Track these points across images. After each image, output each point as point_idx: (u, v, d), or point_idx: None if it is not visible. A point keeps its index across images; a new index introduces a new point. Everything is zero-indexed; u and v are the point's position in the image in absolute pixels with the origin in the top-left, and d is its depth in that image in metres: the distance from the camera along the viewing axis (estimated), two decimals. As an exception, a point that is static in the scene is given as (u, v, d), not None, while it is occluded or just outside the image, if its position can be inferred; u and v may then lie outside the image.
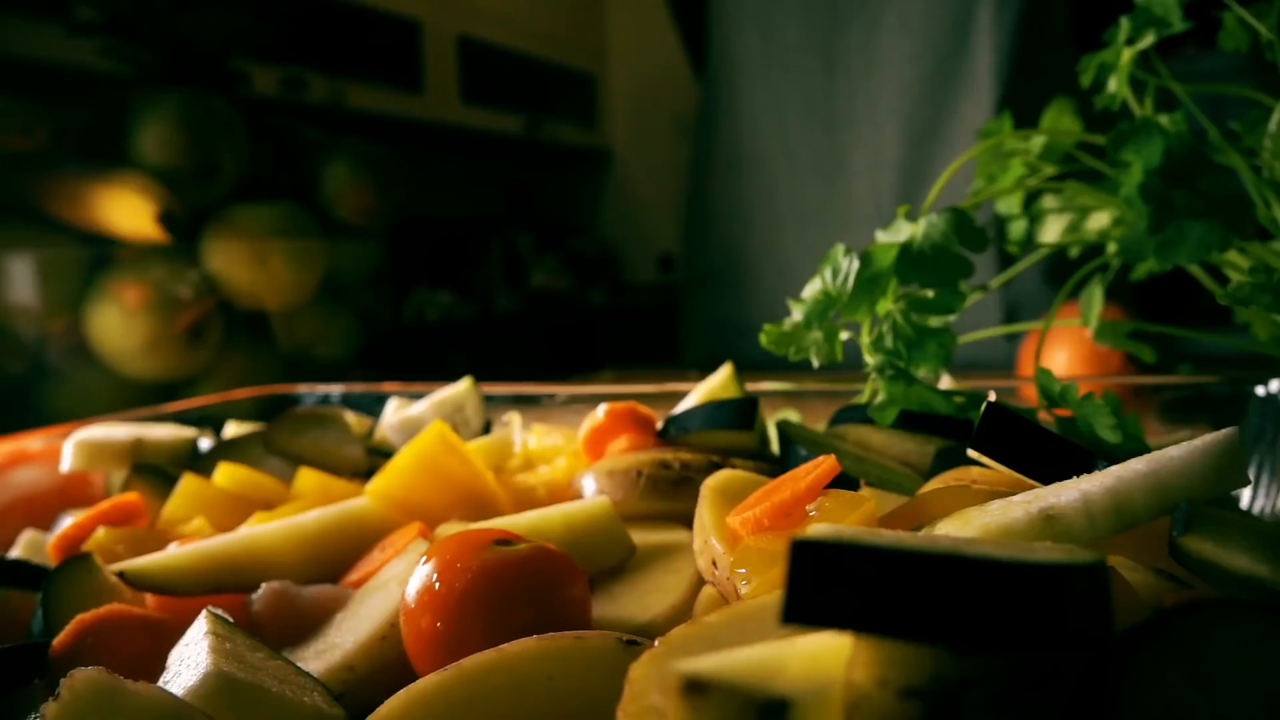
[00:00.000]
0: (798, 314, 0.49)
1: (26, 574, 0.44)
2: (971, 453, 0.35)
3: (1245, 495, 0.51)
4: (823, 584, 0.20)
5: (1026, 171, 0.62)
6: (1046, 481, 0.32)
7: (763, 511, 0.33)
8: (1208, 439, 0.28)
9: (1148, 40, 0.51)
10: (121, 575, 0.38)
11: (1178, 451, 0.28)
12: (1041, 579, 0.19)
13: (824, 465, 0.33)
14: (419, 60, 2.38)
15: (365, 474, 0.53)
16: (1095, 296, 0.57)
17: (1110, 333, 0.59)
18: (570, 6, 3.08)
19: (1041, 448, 0.35)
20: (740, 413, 0.47)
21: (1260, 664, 0.21)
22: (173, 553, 0.40)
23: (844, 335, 0.49)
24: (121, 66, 1.05)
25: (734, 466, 0.44)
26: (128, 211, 0.98)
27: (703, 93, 1.49)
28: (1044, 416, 0.46)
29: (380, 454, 0.57)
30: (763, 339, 0.50)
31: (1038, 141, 0.61)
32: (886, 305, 0.46)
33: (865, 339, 0.47)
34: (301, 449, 0.56)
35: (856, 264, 0.46)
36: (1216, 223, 0.43)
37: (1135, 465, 0.28)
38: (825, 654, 0.21)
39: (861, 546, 0.20)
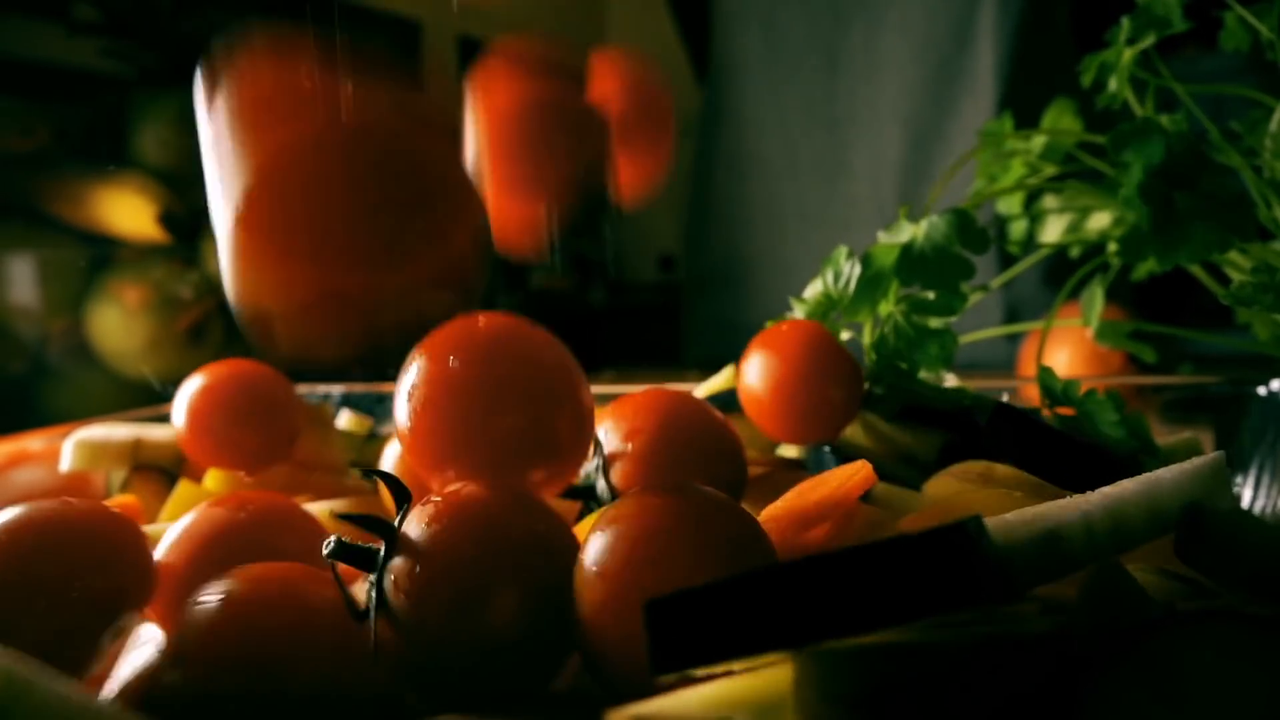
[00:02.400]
0: (799, 314, 0.50)
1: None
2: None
3: (1246, 495, 0.51)
4: (678, 632, 0.21)
5: (1027, 171, 0.62)
6: (1058, 482, 0.32)
7: (779, 521, 0.32)
8: (1197, 462, 0.28)
9: (1148, 40, 0.51)
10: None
11: (1169, 474, 0.28)
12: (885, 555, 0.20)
13: (859, 475, 0.32)
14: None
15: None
16: (1096, 296, 0.57)
17: (1111, 333, 0.59)
18: (571, 6, 3.07)
19: (1052, 448, 0.34)
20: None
21: (1235, 677, 0.21)
22: None
23: (845, 335, 0.49)
24: (122, 67, 1.05)
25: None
26: (128, 212, 0.98)
27: (705, 93, 1.49)
28: (1046, 414, 0.46)
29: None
30: None
31: (1038, 141, 0.61)
32: (888, 307, 0.46)
33: (867, 340, 0.47)
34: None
35: (859, 268, 0.46)
36: (1217, 223, 0.43)
37: (1131, 486, 0.28)
38: (764, 682, 0.22)
39: (702, 589, 0.21)
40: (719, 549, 0.25)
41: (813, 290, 0.49)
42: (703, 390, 0.57)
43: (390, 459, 0.49)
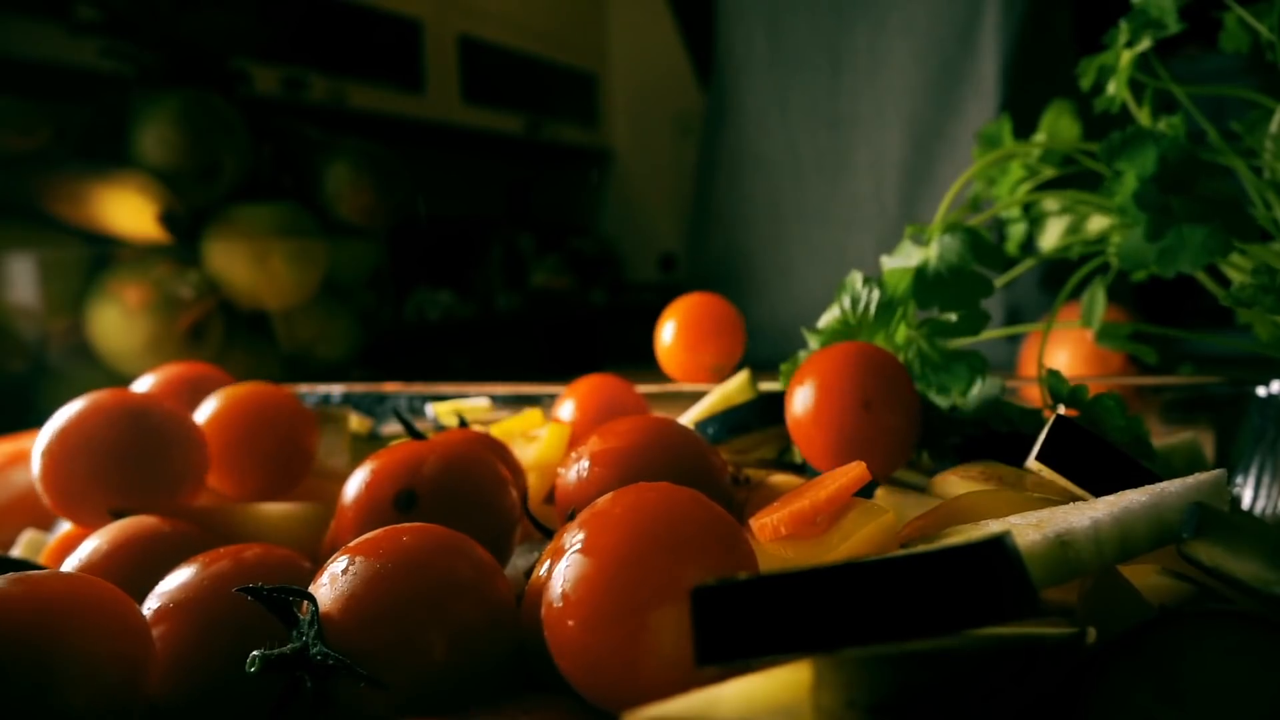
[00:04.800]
0: (814, 344, 0.49)
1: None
2: (1032, 463, 0.35)
3: (1246, 496, 0.51)
4: (727, 623, 0.21)
5: (1025, 174, 0.62)
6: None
7: (780, 519, 0.32)
8: (1201, 478, 0.29)
9: (1146, 43, 0.51)
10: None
11: (1175, 487, 0.29)
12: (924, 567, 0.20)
13: (851, 474, 0.32)
14: (420, 60, 2.38)
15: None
16: (1097, 298, 0.57)
17: (1112, 334, 0.59)
18: (571, 6, 3.08)
19: (1108, 465, 0.34)
20: (759, 412, 0.47)
21: (1236, 677, 0.21)
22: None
23: None
24: (122, 66, 1.05)
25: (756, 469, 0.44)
26: (128, 211, 0.98)
27: (709, 92, 1.49)
28: (1048, 415, 0.45)
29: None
30: (781, 381, 0.50)
31: (1037, 144, 0.61)
32: (905, 332, 0.46)
33: None
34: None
35: (876, 293, 0.46)
36: (1217, 226, 0.43)
37: (1138, 497, 0.29)
38: (763, 685, 0.22)
39: (748, 581, 0.21)
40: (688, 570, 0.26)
41: (828, 318, 0.48)
42: (716, 393, 0.56)
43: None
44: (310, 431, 0.49)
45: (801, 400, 0.41)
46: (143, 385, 0.55)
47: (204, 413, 0.47)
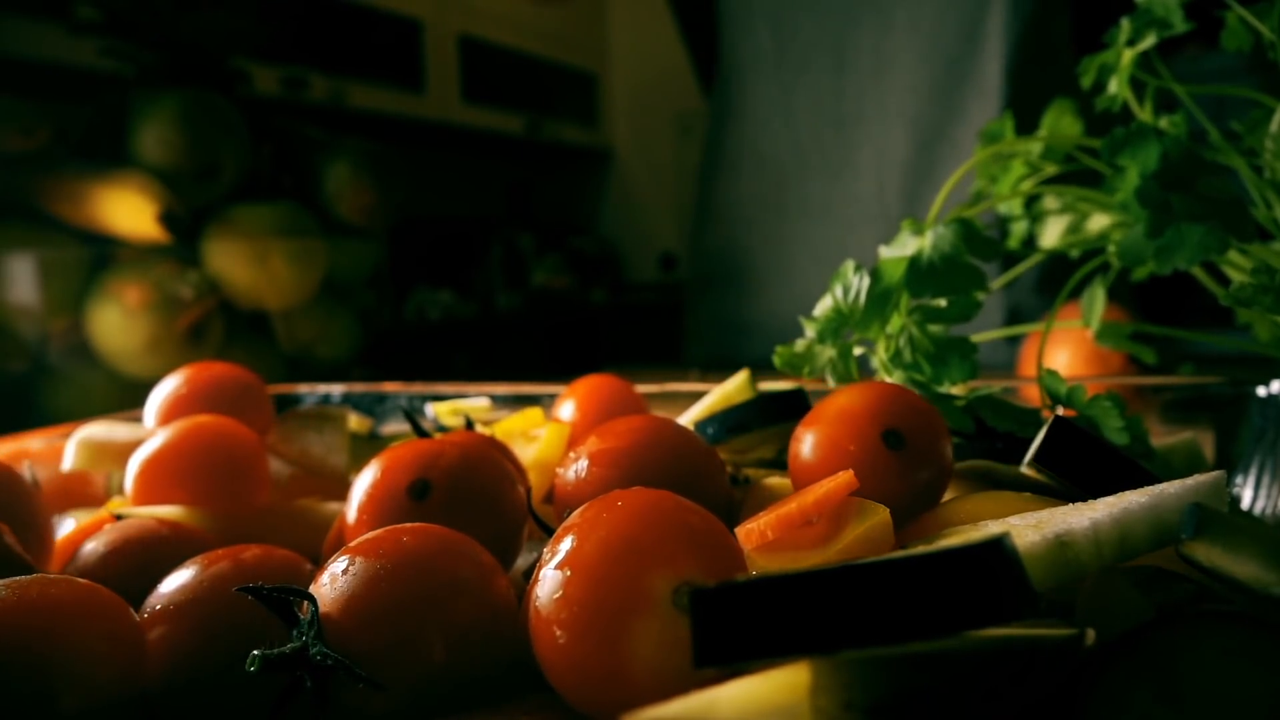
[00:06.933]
0: (810, 332, 0.49)
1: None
2: (1026, 467, 0.35)
3: (1246, 496, 0.51)
4: (725, 625, 0.21)
5: (1027, 171, 0.62)
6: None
7: (766, 524, 0.32)
8: (1200, 479, 0.29)
9: (1148, 41, 0.51)
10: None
11: (1174, 488, 0.29)
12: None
13: (839, 480, 0.32)
14: (420, 60, 2.38)
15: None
16: (1097, 297, 0.57)
17: (1112, 334, 0.59)
18: (571, 6, 3.07)
19: (1107, 466, 0.34)
20: (759, 412, 0.47)
21: (1235, 677, 0.21)
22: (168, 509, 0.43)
23: (858, 351, 0.49)
24: (122, 66, 1.05)
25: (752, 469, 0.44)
26: (128, 211, 0.98)
27: (713, 92, 1.49)
28: (1046, 415, 0.45)
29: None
30: (776, 361, 0.50)
31: (1038, 143, 0.61)
32: (899, 320, 0.46)
33: (881, 356, 0.47)
34: (291, 455, 0.56)
35: (867, 280, 0.45)
36: (1215, 225, 0.43)
37: (1137, 498, 0.29)
38: (758, 688, 0.22)
39: (746, 583, 0.21)
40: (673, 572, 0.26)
41: (822, 307, 0.48)
42: (715, 394, 0.56)
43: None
44: (258, 462, 0.47)
45: (807, 450, 0.37)
46: (168, 386, 0.55)
47: (145, 451, 0.46)
